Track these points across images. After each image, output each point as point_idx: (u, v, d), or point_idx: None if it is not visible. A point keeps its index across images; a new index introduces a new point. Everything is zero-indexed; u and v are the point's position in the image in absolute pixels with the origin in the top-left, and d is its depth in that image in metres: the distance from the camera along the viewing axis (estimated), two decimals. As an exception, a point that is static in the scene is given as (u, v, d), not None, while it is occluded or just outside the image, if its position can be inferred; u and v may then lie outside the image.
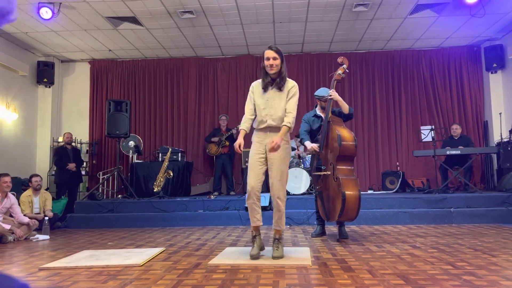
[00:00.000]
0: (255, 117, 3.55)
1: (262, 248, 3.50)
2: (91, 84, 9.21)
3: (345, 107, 4.44)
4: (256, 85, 3.57)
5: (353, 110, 4.60)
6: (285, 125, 3.42)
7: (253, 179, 3.41)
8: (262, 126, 3.49)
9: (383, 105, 8.80)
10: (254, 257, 3.32)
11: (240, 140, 3.45)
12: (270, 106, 3.45)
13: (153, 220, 6.24)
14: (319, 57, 8.99)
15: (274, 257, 3.33)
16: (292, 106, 3.46)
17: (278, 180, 3.41)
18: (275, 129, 3.46)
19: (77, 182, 7.74)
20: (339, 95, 4.44)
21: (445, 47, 8.71)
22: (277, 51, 3.43)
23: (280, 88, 3.46)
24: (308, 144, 4.54)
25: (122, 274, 2.97)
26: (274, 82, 3.47)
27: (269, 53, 3.42)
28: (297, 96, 3.51)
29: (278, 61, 3.42)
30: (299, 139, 5.12)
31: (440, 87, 8.72)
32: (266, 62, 3.44)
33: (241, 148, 3.43)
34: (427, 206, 6.10)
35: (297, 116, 3.59)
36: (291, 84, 3.52)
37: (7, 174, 5.40)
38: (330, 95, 4.37)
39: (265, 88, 3.49)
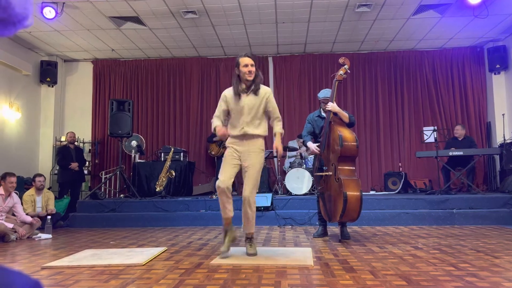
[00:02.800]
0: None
1: (234, 239, 3.64)
2: (94, 83, 9.23)
3: (345, 117, 4.40)
4: (228, 94, 3.60)
5: (354, 118, 4.56)
6: (280, 132, 3.62)
7: (226, 175, 3.48)
8: (238, 133, 3.53)
9: (386, 106, 8.79)
10: (224, 253, 3.46)
11: (222, 129, 3.54)
12: (247, 113, 3.51)
13: (155, 219, 6.25)
14: (321, 58, 8.98)
15: (249, 254, 3.46)
16: (277, 111, 3.65)
17: (252, 187, 3.51)
18: (250, 136, 3.54)
19: (79, 181, 7.76)
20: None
21: (448, 48, 8.69)
22: (254, 58, 3.55)
23: (256, 92, 3.52)
24: (310, 145, 4.54)
25: (124, 273, 2.97)
26: (250, 88, 3.52)
27: (248, 60, 3.49)
28: (274, 100, 3.67)
29: (254, 68, 3.52)
30: (301, 140, 5.12)
31: (443, 88, 8.70)
32: (244, 69, 3.48)
33: (228, 132, 3.56)
34: (429, 207, 6.09)
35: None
36: (268, 91, 3.61)
37: (13, 174, 5.42)
38: (328, 108, 4.35)
39: (239, 95, 3.52)
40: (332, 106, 4.35)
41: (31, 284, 0.68)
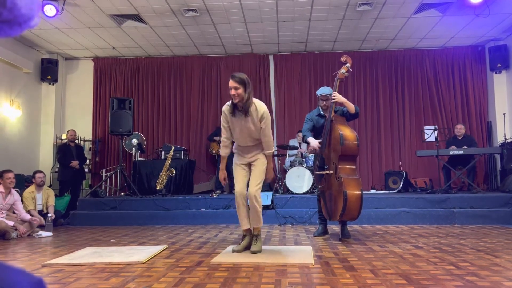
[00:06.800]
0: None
1: (247, 247, 3.70)
2: (94, 81, 9.22)
3: (350, 107, 4.40)
4: (226, 110, 3.69)
5: (359, 109, 4.57)
6: (266, 153, 3.70)
7: (241, 185, 3.70)
8: (243, 145, 3.75)
9: (387, 104, 8.78)
10: (236, 252, 3.60)
11: (224, 173, 3.80)
12: (244, 132, 3.65)
13: (156, 218, 6.25)
14: (322, 56, 8.97)
15: (252, 251, 3.57)
16: (268, 134, 3.64)
17: (256, 183, 3.65)
18: (254, 146, 3.73)
19: (80, 179, 7.77)
20: (342, 94, 4.42)
21: (449, 47, 8.68)
22: (239, 81, 3.48)
23: (245, 114, 3.56)
24: (312, 140, 4.45)
25: (125, 271, 2.98)
26: (242, 108, 3.58)
27: (230, 83, 3.51)
28: (269, 122, 3.65)
29: (240, 90, 3.48)
30: (302, 135, 5.02)
31: (443, 87, 8.69)
32: (229, 92, 3.54)
33: (226, 181, 3.81)
34: (429, 206, 6.08)
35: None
36: (261, 111, 3.57)
37: (10, 170, 5.43)
38: (334, 98, 4.34)
39: (233, 114, 3.63)
40: (338, 97, 4.34)
41: (34, 282, 0.68)
